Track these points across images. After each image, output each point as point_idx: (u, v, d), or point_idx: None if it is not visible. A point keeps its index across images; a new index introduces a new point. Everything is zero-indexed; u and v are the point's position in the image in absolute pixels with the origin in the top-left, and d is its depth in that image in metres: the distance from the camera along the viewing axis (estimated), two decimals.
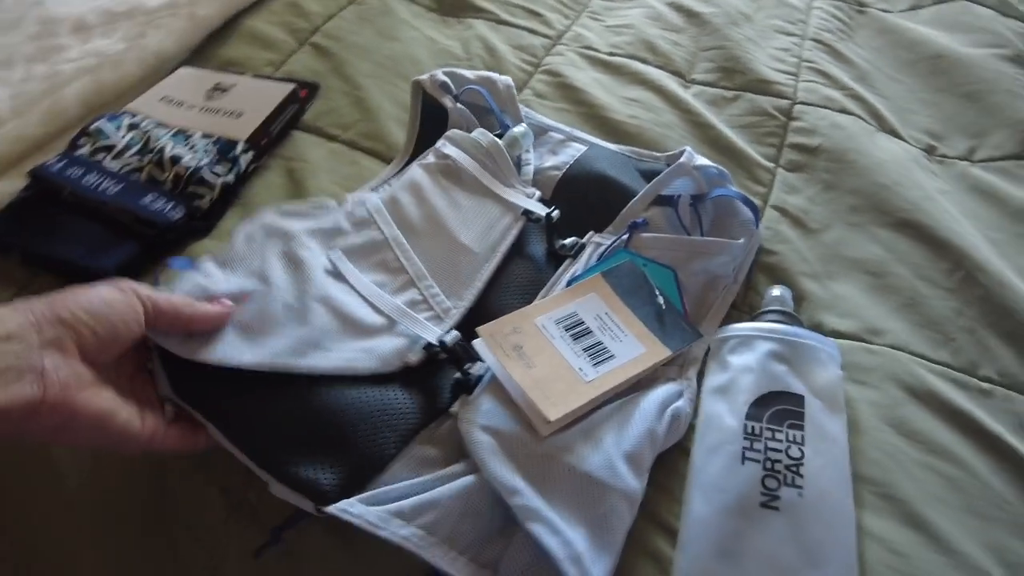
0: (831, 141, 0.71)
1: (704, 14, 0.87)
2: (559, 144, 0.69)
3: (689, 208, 0.61)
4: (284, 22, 0.87)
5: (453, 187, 0.61)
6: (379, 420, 0.46)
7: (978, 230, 0.64)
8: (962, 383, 0.54)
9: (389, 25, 0.86)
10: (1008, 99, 0.76)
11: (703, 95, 0.78)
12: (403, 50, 0.82)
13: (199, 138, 0.69)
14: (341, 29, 0.86)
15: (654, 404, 0.48)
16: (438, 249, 0.57)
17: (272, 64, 0.82)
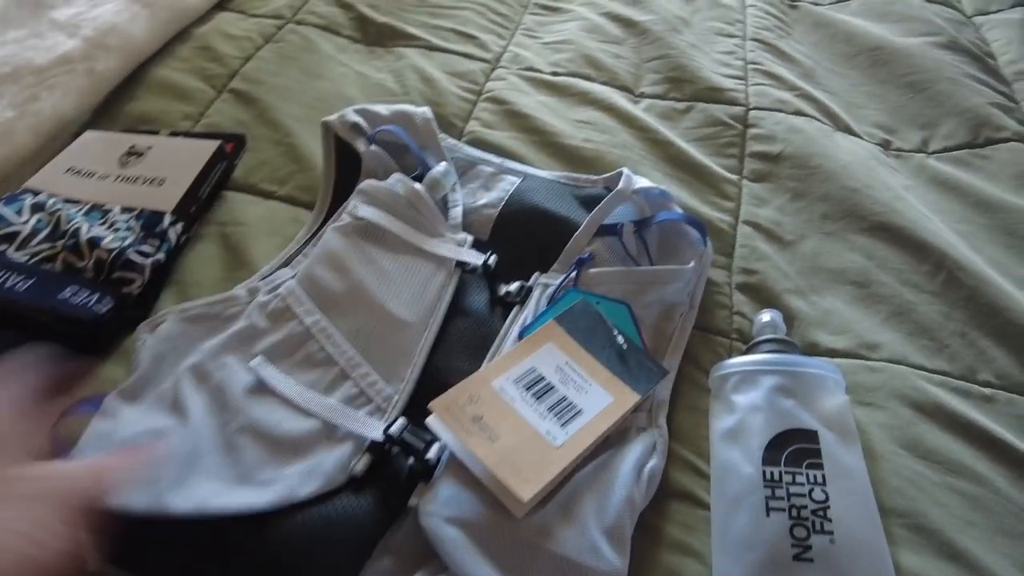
0: (792, 146, 0.69)
1: (642, 22, 0.85)
2: (491, 178, 0.64)
3: (634, 235, 0.58)
4: (196, 69, 0.79)
5: (375, 249, 0.56)
6: (333, 541, 0.41)
7: (947, 224, 0.64)
8: (964, 391, 0.52)
9: (314, 62, 0.80)
10: (951, 87, 0.76)
11: (654, 109, 0.76)
12: (333, 89, 0.76)
13: (119, 213, 0.62)
14: (261, 71, 0.79)
15: (630, 467, 0.45)
16: (368, 328, 0.52)
17: (189, 117, 0.74)
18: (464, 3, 0.90)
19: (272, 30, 0.85)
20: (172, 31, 0.83)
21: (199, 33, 0.84)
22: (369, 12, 0.88)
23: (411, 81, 0.77)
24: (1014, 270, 0.61)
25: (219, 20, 0.87)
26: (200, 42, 0.83)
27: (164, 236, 0.60)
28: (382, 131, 0.64)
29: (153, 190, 0.64)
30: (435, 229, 0.58)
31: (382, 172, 0.62)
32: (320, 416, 0.47)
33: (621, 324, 0.53)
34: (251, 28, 0.85)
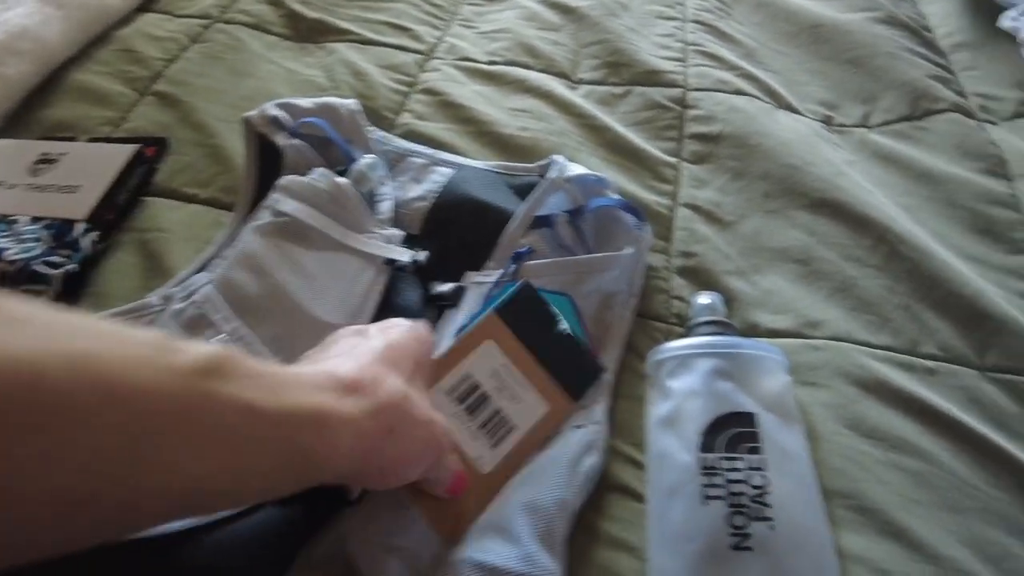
0: (732, 126, 0.68)
1: (580, 8, 0.83)
2: (422, 170, 0.62)
3: (568, 225, 0.56)
4: (118, 72, 0.76)
5: (297, 248, 0.53)
6: (251, 558, 0.39)
7: (890, 198, 0.63)
8: (907, 365, 0.51)
9: (242, 61, 0.77)
10: (890, 61, 0.75)
11: (592, 95, 0.74)
12: (260, 87, 0.74)
13: (27, 224, 0.59)
14: (186, 72, 0.76)
15: (564, 468, 0.43)
16: (291, 333, 0.49)
17: (110, 123, 0.71)
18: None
19: (199, 30, 0.82)
20: (90, 34, 0.80)
21: (121, 35, 0.81)
22: (300, 8, 0.85)
23: (341, 76, 0.74)
24: (956, 241, 0.60)
25: (142, 22, 0.83)
26: (122, 44, 0.80)
27: (76, 245, 0.57)
28: (304, 124, 0.61)
29: (65, 198, 0.61)
30: (362, 225, 0.56)
31: (305, 167, 0.60)
32: None
33: (564, 316, 0.51)
34: (176, 29, 0.82)
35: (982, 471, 0.45)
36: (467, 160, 0.64)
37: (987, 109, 0.71)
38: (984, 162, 0.65)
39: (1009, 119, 0.69)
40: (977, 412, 0.48)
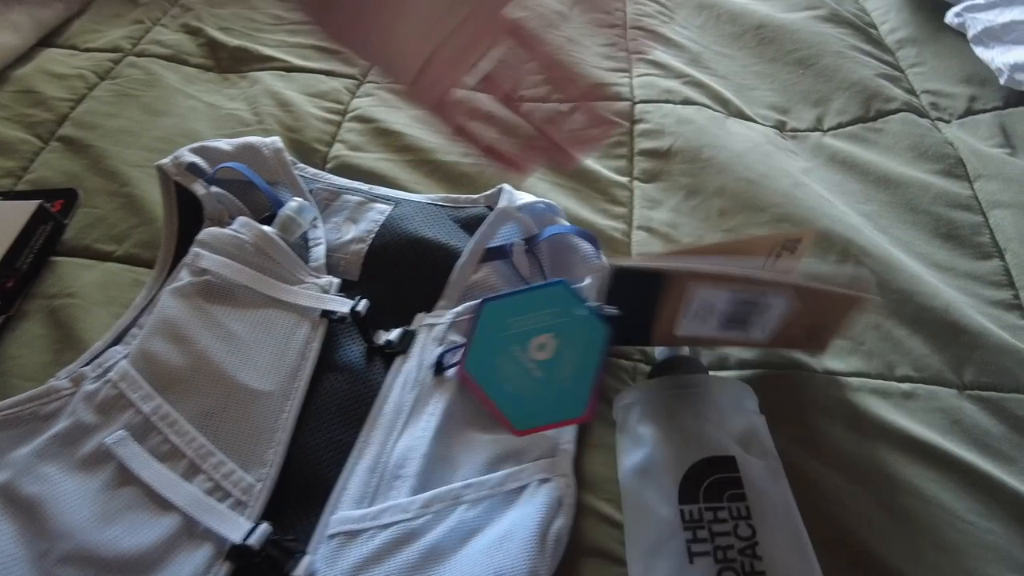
0: (682, 139, 0.65)
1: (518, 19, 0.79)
2: (358, 208, 0.57)
3: (525, 255, 0.52)
4: (18, 116, 0.69)
5: (221, 309, 0.48)
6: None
7: (850, 206, 0.60)
8: (883, 391, 0.48)
9: (158, 98, 0.71)
10: (838, 61, 0.73)
11: (537, 114, 0.70)
12: (178, 126, 0.68)
13: None
14: (96, 113, 0.70)
15: (532, 533, 0.39)
16: (219, 407, 0.44)
17: (11, 174, 0.65)
18: None
19: (108, 66, 0.76)
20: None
21: (19, 75, 0.74)
22: (220, 36, 0.79)
23: (266, 108, 0.69)
24: (921, 248, 0.58)
25: (44, 59, 0.76)
26: (20, 85, 0.73)
27: None
28: (224, 169, 0.56)
29: None
30: (293, 275, 0.51)
31: (228, 216, 0.55)
32: (179, 506, 0.40)
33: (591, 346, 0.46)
34: (83, 65, 0.76)
35: (972, 502, 0.43)
36: (406, 194, 0.59)
37: (938, 107, 0.69)
38: (941, 163, 0.63)
39: (961, 117, 0.67)
40: (960, 436, 0.46)
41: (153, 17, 0.84)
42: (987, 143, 0.64)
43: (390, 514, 0.41)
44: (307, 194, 0.57)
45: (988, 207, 0.59)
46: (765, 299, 0.43)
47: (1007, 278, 0.55)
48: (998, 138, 0.64)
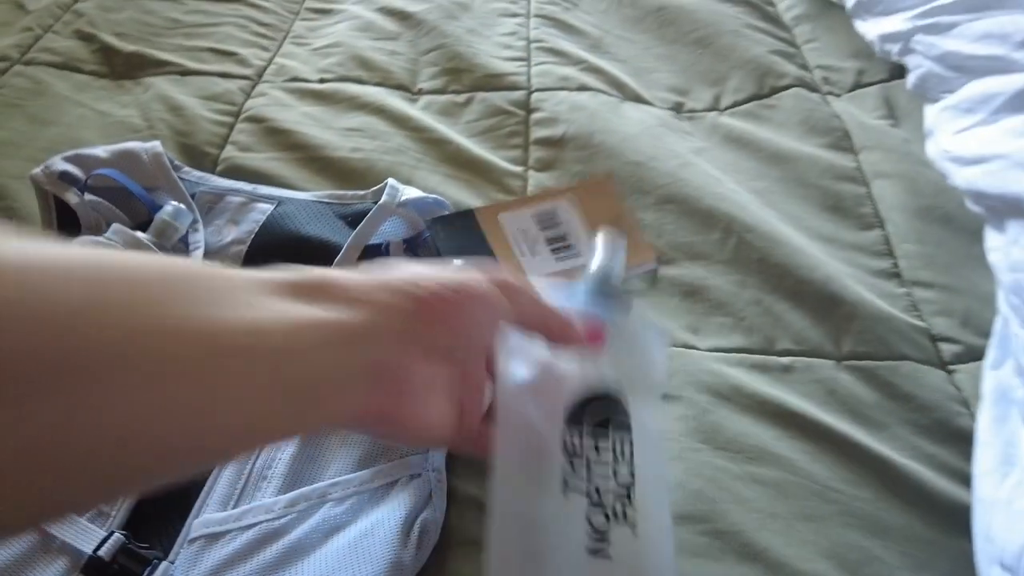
0: (575, 126, 0.65)
1: (416, 13, 0.78)
2: (240, 209, 0.56)
3: (403, 253, 0.52)
4: None
5: None
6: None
7: (741, 183, 0.61)
8: (762, 365, 0.49)
9: (44, 107, 0.70)
10: (735, 40, 0.73)
11: (433, 105, 0.69)
12: (65, 135, 0.66)
13: None
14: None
15: (396, 526, 0.39)
16: None
17: None
18: (224, 18, 0.81)
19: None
20: None
21: None
22: (115, 42, 0.77)
23: (157, 113, 0.68)
24: (809, 222, 0.58)
25: None
26: None
27: None
28: (100, 177, 0.55)
29: None
30: None
31: (105, 224, 0.53)
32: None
33: None
34: None
35: (843, 470, 0.43)
36: (292, 192, 0.58)
37: (829, 81, 0.70)
38: (829, 136, 0.63)
39: (849, 91, 0.68)
40: (835, 406, 0.46)
41: (44, 24, 0.81)
42: (872, 115, 0.65)
43: (253, 515, 0.40)
44: (187, 197, 0.56)
45: (871, 177, 0.60)
46: (556, 208, 0.52)
47: (887, 247, 0.56)
48: (882, 110, 0.65)
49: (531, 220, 0.53)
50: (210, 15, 0.82)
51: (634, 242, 0.52)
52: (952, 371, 0.49)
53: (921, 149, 0.58)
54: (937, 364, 0.49)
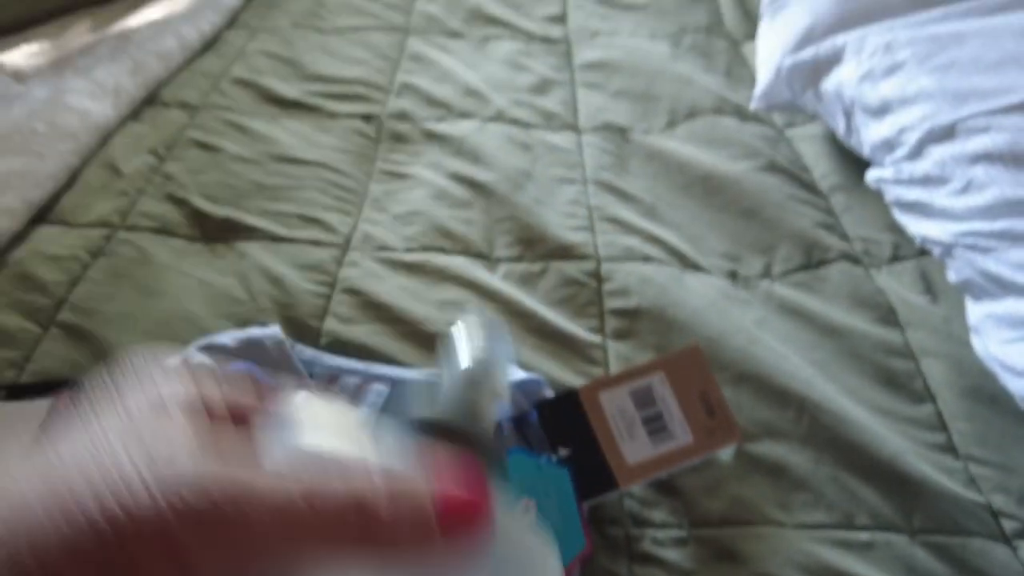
0: (647, 299, 0.71)
1: (487, 182, 0.86)
2: (357, 392, 0.61)
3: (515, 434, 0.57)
4: (17, 303, 0.72)
5: None
6: None
7: (801, 355, 0.67)
8: (844, 542, 0.54)
9: (150, 276, 0.75)
10: (780, 212, 0.82)
11: (512, 274, 0.76)
12: (174, 308, 0.71)
13: None
14: (92, 296, 0.73)
15: None
16: None
17: (14, 365, 0.67)
18: (304, 181, 0.88)
19: (100, 242, 0.80)
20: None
21: (15, 259, 0.77)
22: (205, 206, 0.84)
23: (258, 285, 0.74)
24: (866, 395, 0.64)
25: (38, 238, 0.80)
26: (16, 269, 0.76)
27: None
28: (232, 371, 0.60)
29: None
30: None
31: None
32: None
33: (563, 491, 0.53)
34: (75, 243, 0.79)
35: None
36: (401, 371, 0.64)
37: (869, 252, 0.78)
38: (876, 311, 0.71)
39: (888, 263, 0.76)
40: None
41: (137, 187, 0.88)
42: (912, 290, 0.72)
43: None
44: (309, 383, 0.61)
45: (919, 354, 0.67)
46: (651, 385, 0.55)
47: (940, 422, 0.62)
48: (920, 285, 0.73)
49: (628, 399, 0.58)
50: (291, 177, 0.89)
51: (724, 418, 0.58)
52: (1016, 547, 0.54)
53: (962, 329, 0.65)
54: (1001, 539, 0.55)
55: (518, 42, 1.21)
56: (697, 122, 0.98)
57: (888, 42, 0.73)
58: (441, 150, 0.94)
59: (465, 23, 1.26)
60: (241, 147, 0.93)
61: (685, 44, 1.19)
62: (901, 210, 0.70)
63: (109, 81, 1.00)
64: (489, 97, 1.04)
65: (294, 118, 1.00)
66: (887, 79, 0.71)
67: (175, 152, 0.93)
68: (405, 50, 1.18)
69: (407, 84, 1.08)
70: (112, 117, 0.96)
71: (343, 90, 1.05)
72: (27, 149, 0.86)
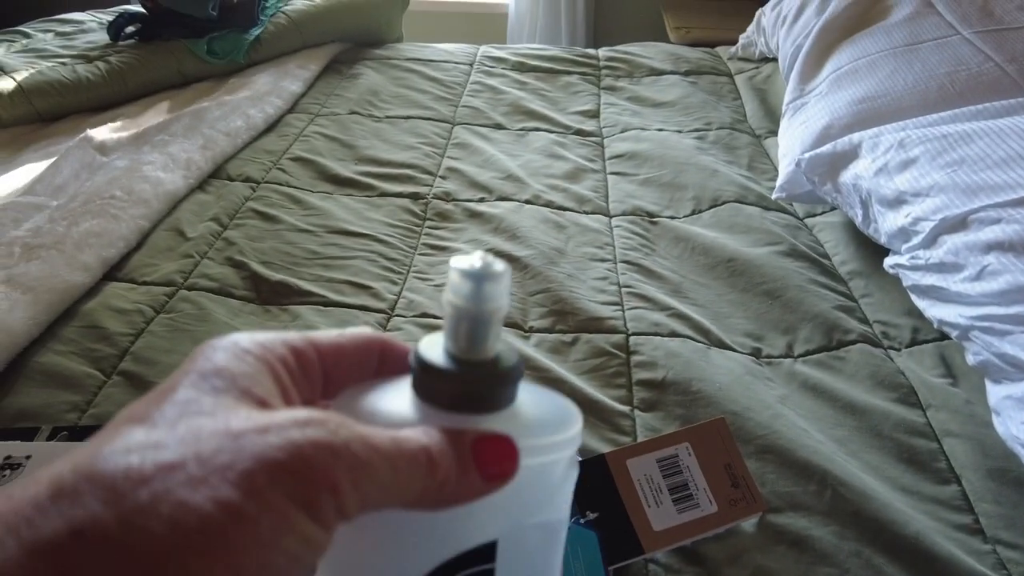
0: (673, 372, 0.75)
1: (523, 257, 0.92)
2: None
3: None
4: (83, 351, 0.78)
5: None
6: None
7: (823, 431, 0.69)
8: None
9: (208, 333, 0.81)
10: (800, 295, 0.86)
11: (544, 344, 0.80)
12: None
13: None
14: (153, 349, 0.78)
15: None
16: None
17: (76, 408, 0.72)
18: (356, 252, 0.95)
19: (163, 299, 0.86)
20: (55, 313, 0.82)
21: (85, 310, 0.83)
22: (263, 270, 0.91)
23: None
24: (888, 472, 0.66)
25: (107, 293, 0.87)
26: (87, 320, 0.82)
27: None
28: None
29: None
30: None
31: None
32: None
33: (590, 552, 0.55)
34: (141, 299, 0.86)
35: None
36: None
37: (888, 336, 0.81)
38: (897, 392, 0.73)
39: (908, 346, 0.79)
40: None
41: (200, 251, 0.95)
42: (932, 373, 0.75)
43: None
44: None
45: (941, 435, 0.68)
46: (678, 454, 0.58)
47: (966, 503, 0.63)
48: (940, 368, 0.75)
49: (655, 466, 0.61)
50: (344, 248, 0.96)
51: (748, 489, 0.60)
52: None
53: (984, 410, 0.67)
54: None
55: (554, 134, 1.30)
56: (721, 209, 1.04)
57: (901, 139, 0.79)
58: (481, 227, 1.00)
59: (506, 116, 1.36)
60: (298, 219, 1.01)
61: (710, 138, 1.26)
62: (918, 295, 0.73)
63: (181, 155, 1.10)
64: (526, 182, 1.12)
65: (348, 195, 1.08)
66: (901, 173, 0.76)
67: (237, 220, 1.01)
68: (451, 138, 1.27)
69: (452, 168, 1.16)
70: (182, 187, 1.05)
71: (394, 172, 1.14)
72: (105, 212, 0.95)
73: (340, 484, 0.17)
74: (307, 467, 0.17)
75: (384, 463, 0.18)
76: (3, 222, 0.94)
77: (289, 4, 1.63)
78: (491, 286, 0.21)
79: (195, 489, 0.16)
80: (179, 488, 0.16)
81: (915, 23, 1.00)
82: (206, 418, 0.18)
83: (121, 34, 1.47)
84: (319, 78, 1.51)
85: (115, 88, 1.33)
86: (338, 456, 0.17)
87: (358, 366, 0.23)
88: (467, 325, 0.21)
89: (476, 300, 0.21)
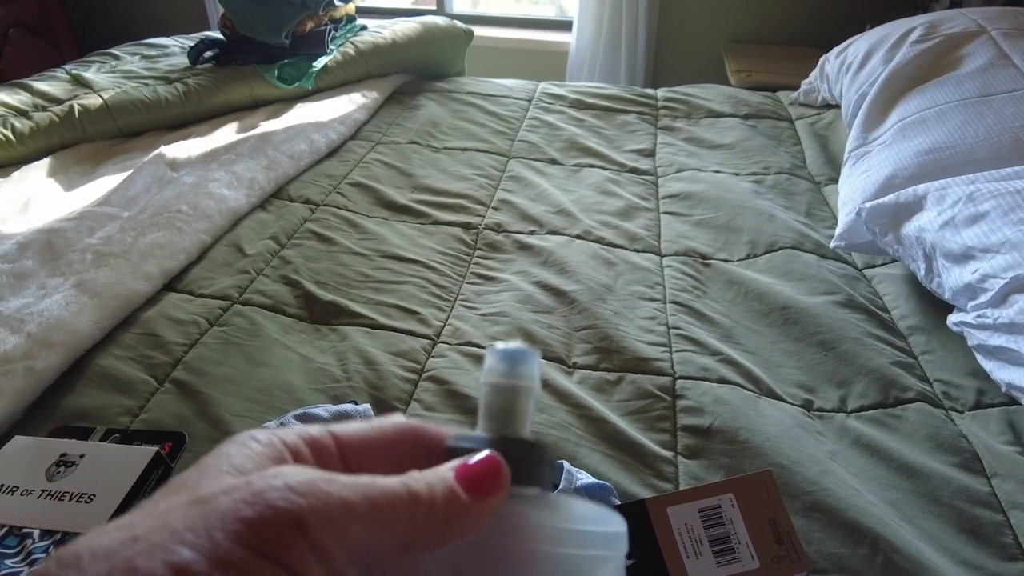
0: (720, 419, 0.73)
1: (571, 292, 0.91)
2: None
3: None
4: (140, 357, 0.81)
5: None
6: None
7: (875, 493, 0.66)
8: None
9: (258, 348, 0.83)
10: (857, 347, 0.83)
11: (587, 381, 0.79)
12: (275, 377, 0.78)
13: (38, 540, 0.59)
14: (205, 359, 0.81)
15: None
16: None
17: (129, 412, 0.74)
18: (406, 277, 0.96)
19: (218, 312, 0.89)
20: (118, 319, 0.86)
21: (145, 318, 0.87)
22: (315, 290, 0.93)
23: (354, 365, 0.80)
24: (947, 543, 0.62)
25: (166, 303, 0.90)
26: (145, 328, 0.85)
27: None
28: None
29: (80, 509, 0.62)
30: None
31: None
32: None
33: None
34: (197, 311, 0.88)
35: None
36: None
37: (950, 396, 0.77)
38: (959, 456, 0.69)
39: (972, 409, 0.75)
40: None
41: (257, 268, 0.98)
42: (998, 439, 0.71)
43: None
44: None
45: (1008, 507, 0.64)
46: (721, 505, 0.56)
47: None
48: (1008, 435, 0.71)
49: (696, 516, 0.59)
50: (395, 272, 0.97)
51: (793, 547, 0.57)
52: None
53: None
54: None
55: (609, 171, 1.30)
56: (777, 255, 1.01)
57: (971, 193, 0.76)
58: (530, 260, 1.01)
59: (561, 152, 1.38)
60: (353, 242, 1.03)
61: (768, 182, 1.25)
62: (985, 355, 0.70)
63: (246, 175, 1.14)
64: (578, 217, 1.12)
65: (403, 221, 1.10)
66: (969, 228, 0.74)
67: (294, 240, 1.04)
68: (506, 171, 1.29)
69: (505, 200, 1.17)
70: (244, 205, 1.09)
71: (448, 201, 1.16)
72: (171, 225, 0.99)
73: (308, 523, 0.17)
74: (273, 513, 0.17)
75: (358, 498, 0.18)
76: (79, 230, 0.99)
77: (358, 35, 1.69)
78: (523, 366, 0.23)
79: (151, 555, 0.16)
80: (136, 557, 0.16)
81: (989, 75, 0.98)
82: (185, 493, 0.18)
83: (200, 58, 1.55)
84: (382, 107, 1.56)
85: (190, 108, 1.40)
86: (304, 495, 0.17)
87: (386, 455, 0.23)
88: (500, 400, 0.23)
89: (510, 377, 0.23)
